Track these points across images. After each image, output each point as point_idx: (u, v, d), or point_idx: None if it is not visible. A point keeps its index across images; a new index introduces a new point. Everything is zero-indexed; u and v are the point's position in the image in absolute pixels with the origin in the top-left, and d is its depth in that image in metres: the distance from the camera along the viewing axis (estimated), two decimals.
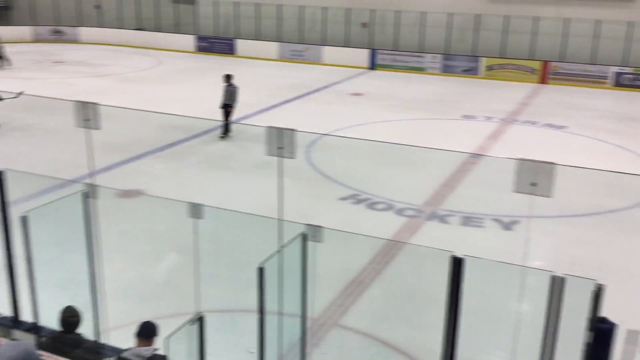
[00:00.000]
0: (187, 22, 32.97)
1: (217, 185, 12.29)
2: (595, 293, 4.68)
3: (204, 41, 31.31)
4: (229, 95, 15.62)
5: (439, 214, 10.91)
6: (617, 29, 24.42)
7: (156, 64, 27.87)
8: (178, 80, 24.20)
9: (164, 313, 7.14)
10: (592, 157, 14.72)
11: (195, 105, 19.22)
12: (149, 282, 8.61)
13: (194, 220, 5.75)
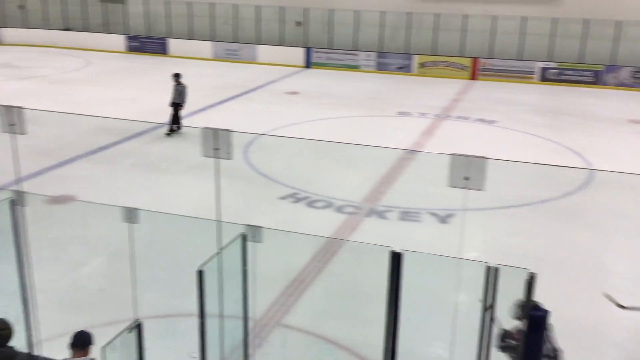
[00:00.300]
0: (116, 22, 32.09)
1: (152, 188, 12.03)
2: (528, 281, 4.84)
3: (134, 41, 30.57)
4: (178, 94, 15.73)
5: (378, 210, 11.04)
6: (542, 26, 25.41)
7: (85, 64, 27.00)
8: (108, 81, 23.53)
9: (100, 321, 6.93)
10: (522, 150, 15.26)
11: (127, 106, 18.75)
12: (84, 290, 8.33)
13: (129, 224, 5.60)
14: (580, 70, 24.46)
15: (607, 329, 7.50)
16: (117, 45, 30.48)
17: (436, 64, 26.15)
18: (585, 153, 14.92)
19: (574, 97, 22.21)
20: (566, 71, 24.58)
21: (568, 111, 19.83)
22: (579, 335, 7.32)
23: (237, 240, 5.67)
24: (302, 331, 7.37)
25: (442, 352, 6.49)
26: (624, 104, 20.99)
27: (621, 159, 14.57)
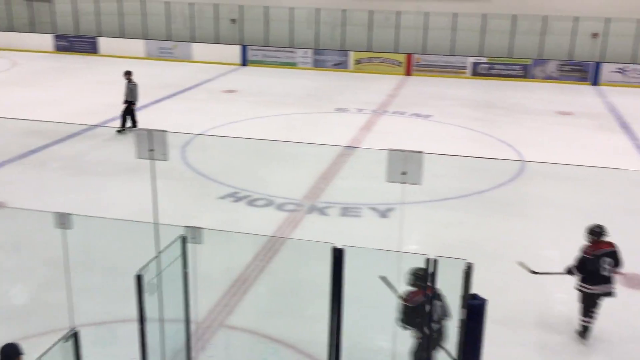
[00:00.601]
0: (43, 21, 30.89)
1: (86, 192, 11.65)
2: (466, 272, 4.96)
3: (63, 40, 29.53)
4: (130, 92, 15.47)
5: (318, 207, 11.08)
6: (472, 22, 26.11)
7: (10, 65, 25.88)
8: (36, 82, 22.64)
9: (34, 332, 6.67)
10: (457, 143, 15.64)
11: (57, 108, 18.09)
12: (16, 299, 8.00)
13: (62, 230, 5.41)
14: (509, 64, 25.28)
15: (540, 315, 7.79)
16: (44, 45, 29.36)
17: (372, 60, 26.46)
18: (517, 145, 15.44)
19: (504, 90, 22.95)
20: (496, 65, 25.35)
21: (499, 104, 20.47)
22: (513, 321, 7.57)
23: (176, 242, 5.57)
24: (246, 331, 7.32)
25: (385, 344, 6.58)
26: (552, 96, 21.85)
27: (550, 149, 15.16)
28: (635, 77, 24.08)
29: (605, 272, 7.10)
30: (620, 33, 24.78)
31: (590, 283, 7.14)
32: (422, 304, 5.64)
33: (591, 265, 7.11)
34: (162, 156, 5.05)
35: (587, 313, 7.16)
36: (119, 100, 15.80)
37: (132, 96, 15.49)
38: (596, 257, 7.10)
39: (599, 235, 7.30)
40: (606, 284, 7.13)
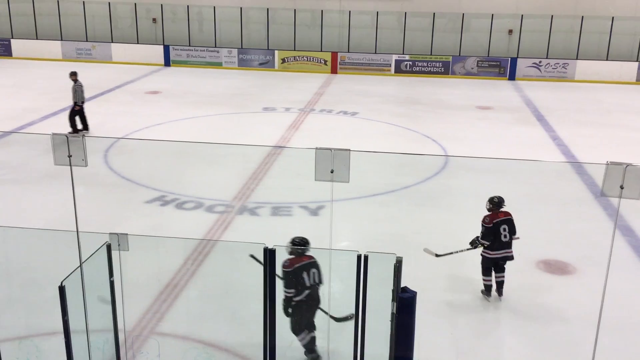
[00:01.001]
0: None
1: (2, 201, 11.09)
2: (396, 266, 5.05)
3: None
4: (75, 93, 15.17)
5: (249, 207, 11.00)
6: (394, 20, 26.64)
7: None
8: None
9: None
10: (384, 139, 15.92)
11: None
12: None
13: None
14: (430, 61, 25.95)
15: (469, 302, 8.04)
16: None
17: (297, 59, 26.52)
18: (440, 139, 15.87)
19: (426, 87, 23.54)
20: (418, 63, 25.97)
21: (422, 100, 20.98)
22: (443, 309, 7.78)
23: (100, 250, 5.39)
24: (179, 337, 7.18)
25: (320, 342, 6.61)
26: (471, 92, 22.60)
27: (472, 143, 15.69)
28: (549, 71, 25.28)
29: (504, 238, 7.84)
30: (534, 29, 25.94)
31: (491, 249, 7.89)
32: (299, 269, 6.32)
33: (491, 233, 7.82)
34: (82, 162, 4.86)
35: (487, 273, 8.01)
36: (33, 105, 15.13)
37: (78, 97, 15.13)
38: (495, 225, 7.81)
39: (498, 206, 7.98)
40: (506, 249, 7.90)
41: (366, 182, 12.08)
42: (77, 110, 15.21)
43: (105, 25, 28.09)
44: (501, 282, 8.04)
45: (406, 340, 5.33)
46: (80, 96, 15.18)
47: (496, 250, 7.88)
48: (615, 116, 19.15)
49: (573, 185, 12.59)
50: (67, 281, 5.04)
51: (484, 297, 8.06)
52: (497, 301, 8.07)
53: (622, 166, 4.61)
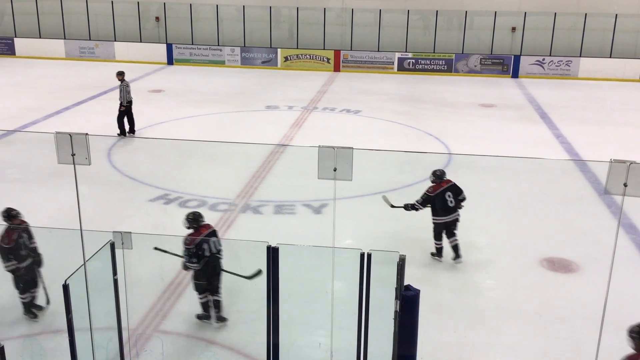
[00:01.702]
0: None
1: (6, 199, 11.11)
2: (399, 264, 5.05)
3: None
4: (125, 94, 14.91)
5: (252, 205, 11.01)
6: (396, 18, 26.59)
7: None
8: None
9: None
10: (386, 137, 15.91)
11: None
12: None
13: None
14: (433, 59, 25.91)
15: (471, 301, 8.04)
16: None
17: (300, 58, 26.51)
18: (443, 137, 15.86)
19: (429, 85, 23.51)
20: (421, 60, 25.94)
21: (425, 98, 20.96)
22: (447, 307, 7.78)
23: (104, 249, 5.41)
24: (182, 335, 7.19)
25: (323, 340, 6.61)
26: (474, 90, 22.56)
27: (475, 141, 15.66)
28: (552, 69, 25.22)
29: (450, 204, 8.67)
30: (537, 26, 25.89)
31: (439, 215, 8.74)
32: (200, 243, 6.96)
33: (437, 201, 8.67)
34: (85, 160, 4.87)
35: (438, 238, 8.88)
36: (37, 104, 15.15)
37: (123, 97, 14.85)
38: (440, 193, 8.67)
39: (440, 178, 8.82)
40: (452, 213, 8.75)
41: (369, 180, 12.07)
42: (122, 111, 14.88)
43: (108, 23, 28.12)
44: (455, 245, 8.84)
45: (409, 338, 5.33)
46: (126, 96, 14.85)
47: (443, 215, 8.72)
48: (618, 114, 19.10)
49: (576, 183, 12.56)
50: (70, 279, 5.05)
51: (436, 258, 8.94)
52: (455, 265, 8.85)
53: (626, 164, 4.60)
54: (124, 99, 14.83)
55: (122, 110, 14.88)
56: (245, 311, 7.63)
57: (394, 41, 26.64)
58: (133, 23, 28.07)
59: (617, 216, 10.59)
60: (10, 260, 6.96)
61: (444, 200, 8.65)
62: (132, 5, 27.84)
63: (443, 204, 8.66)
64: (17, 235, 6.91)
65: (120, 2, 27.93)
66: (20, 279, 7.11)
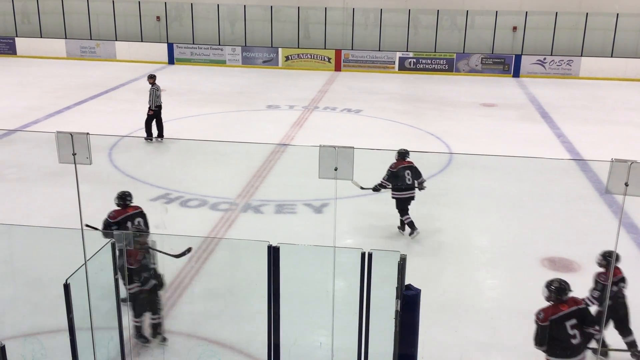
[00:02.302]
0: None
1: (7, 199, 11.13)
2: (400, 263, 5.05)
3: None
4: (154, 97, 14.59)
5: (253, 205, 11.01)
6: (398, 17, 26.57)
7: None
8: None
9: None
10: (387, 137, 15.90)
11: None
12: None
13: None
14: (434, 59, 25.90)
15: (473, 301, 8.03)
16: None
17: (301, 57, 26.50)
18: (444, 137, 15.85)
19: (430, 84, 23.50)
20: (422, 60, 25.92)
21: (426, 98, 20.95)
22: (448, 307, 7.78)
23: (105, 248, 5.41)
24: (183, 335, 7.19)
25: (324, 339, 6.61)
26: (476, 89, 22.54)
27: (476, 140, 15.65)
28: (554, 68, 25.20)
29: (408, 181, 9.44)
30: (539, 26, 25.87)
31: (398, 190, 9.52)
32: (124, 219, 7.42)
33: (398, 177, 9.40)
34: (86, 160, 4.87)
35: (403, 214, 9.64)
36: (39, 103, 15.16)
37: (152, 101, 14.50)
38: (401, 169, 9.46)
39: (403, 157, 9.64)
40: (410, 190, 9.57)
41: (370, 179, 12.05)
42: (150, 115, 14.59)
43: (109, 23, 28.12)
44: (411, 222, 9.64)
45: (410, 337, 5.33)
46: (155, 100, 14.52)
47: (402, 191, 9.53)
48: (620, 113, 19.08)
49: (578, 182, 12.55)
50: (71, 279, 5.05)
51: (399, 231, 9.81)
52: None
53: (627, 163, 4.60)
54: (152, 102, 14.51)
55: (150, 115, 14.59)
56: (245, 310, 7.63)
57: (395, 41, 26.62)
58: (134, 22, 28.07)
59: (618, 216, 10.58)
60: (133, 282, 6.53)
61: (403, 178, 9.44)
62: (133, 5, 27.85)
63: (402, 181, 9.45)
64: (142, 256, 6.53)
65: (121, 2, 27.93)
66: (140, 302, 6.66)
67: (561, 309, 5.66)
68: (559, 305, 5.68)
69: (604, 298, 6.27)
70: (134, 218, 7.52)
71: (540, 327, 5.69)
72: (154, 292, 6.69)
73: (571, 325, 5.65)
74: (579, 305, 5.74)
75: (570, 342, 5.63)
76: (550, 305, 5.76)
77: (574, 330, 5.66)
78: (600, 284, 6.54)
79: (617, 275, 6.70)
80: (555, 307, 5.69)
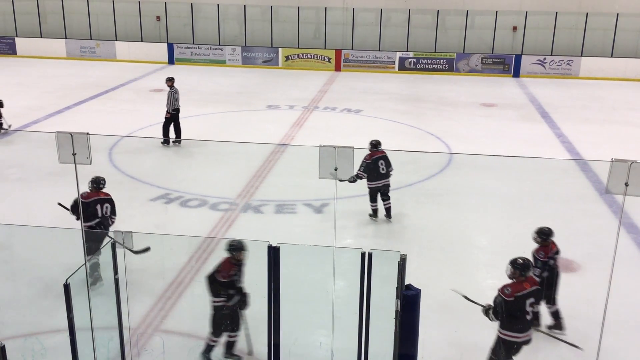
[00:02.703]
0: None
1: (7, 199, 11.13)
2: (400, 263, 5.05)
3: None
4: (173, 100, 14.26)
5: (253, 205, 11.01)
6: (397, 17, 26.58)
7: None
8: None
9: None
10: (387, 136, 15.86)
11: None
12: None
13: None
14: (434, 59, 25.90)
15: None
16: None
17: (301, 57, 26.50)
18: (445, 137, 15.85)
19: (430, 84, 23.50)
20: (422, 60, 25.92)
21: (426, 98, 20.95)
22: (447, 306, 7.78)
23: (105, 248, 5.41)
24: (183, 334, 7.20)
25: (324, 339, 6.61)
26: (476, 89, 22.54)
27: (476, 140, 15.65)
28: (554, 68, 25.20)
29: (382, 170, 9.92)
30: (539, 26, 25.87)
31: (372, 180, 9.95)
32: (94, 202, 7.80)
33: (373, 167, 9.83)
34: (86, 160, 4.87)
35: (373, 200, 10.13)
36: (39, 103, 15.15)
37: (170, 104, 14.21)
38: (375, 159, 9.92)
39: (376, 147, 10.03)
40: (384, 179, 10.00)
41: None
42: (168, 118, 14.26)
43: (109, 23, 28.13)
44: (388, 207, 10.13)
45: (410, 337, 5.33)
46: (173, 103, 14.20)
47: (376, 180, 9.93)
48: (620, 113, 19.08)
49: (577, 182, 12.55)
50: (72, 279, 5.06)
51: (371, 218, 10.19)
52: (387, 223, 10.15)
53: (627, 163, 4.60)
54: (170, 105, 14.19)
55: (168, 118, 14.28)
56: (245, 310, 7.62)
57: (395, 41, 26.63)
58: (134, 22, 28.07)
59: (618, 216, 10.58)
60: (220, 296, 6.39)
61: (378, 168, 9.86)
62: (133, 5, 27.85)
63: (377, 170, 9.86)
64: (234, 272, 6.32)
65: (121, 2, 27.94)
66: (221, 318, 6.48)
67: (525, 287, 6.10)
68: (523, 284, 6.12)
69: (545, 270, 7.10)
70: (104, 203, 7.97)
71: (505, 301, 6.10)
72: (235, 311, 6.46)
73: (530, 303, 6.12)
74: (537, 286, 6.22)
75: (525, 318, 6.14)
76: (515, 282, 6.15)
77: (531, 308, 6.15)
78: (539, 261, 7.13)
79: (553, 250, 7.35)
80: (520, 285, 6.12)
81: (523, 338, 7.08)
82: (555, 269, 7.29)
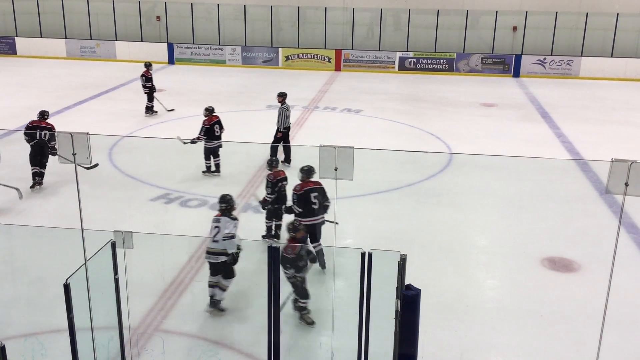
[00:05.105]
0: None
1: (6, 199, 11.12)
2: (400, 263, 5.05)
3: None
4: (283, 118, 13.02)
5: (253, 205, 11.00)
6: (398, 17, 26.58)
7: None
8: None
9: None
10: (388, 136, 15.90)
11: None
12: None
13: None
14: (434, 58, 25.89)
15: (473, 301, 8.03)
16: None
17: (301, 57, 26.50)
18: (445, 137, 15.85)
19: (430, 84, 23.49)
20: (422, 60, 25.92)
21: (426, 98, 20.94)
22: (447, 306, 7.78)
23: (105, 248, 5.41)
24: (183, 334, 7.20)
25: (324, 339, 6.62)
26: (476, 89, 22.54)
27: (476, 140, 15.65)
28: (554, 68, 25.20)
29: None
30: (539, 26, 25.86)
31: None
32: None
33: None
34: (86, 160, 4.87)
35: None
36: (38, 103, 15.13)
37: (280, 122, 12.98)
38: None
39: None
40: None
41: (370, 179, 12.07)
42: (278, 138, 12.98)
43: (109, 23, 28.12)
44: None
45: (410, 337, 5.33)
46: (284, 121, 12.93)
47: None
48: (620, 113, 19.08)
49: (577, 182, 12.55)
50: (71, 279, 5.06)
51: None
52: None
53: (627, 163, 4.60)
54: (281, 124, 12.93)
55: (279, 137, 12.98)
56: (246, 310, 7.62)
57: (395, 40, 26.62)
58: (134, 22, 28.07)
59: (618, 216, 10.58)
60: (289, 269, 6.83)
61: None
62: (133, 5, 27.85)
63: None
64: (299, 249, 6.97)
65: (121, 2, 27.94)
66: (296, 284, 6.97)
67: (309, 185, 8.20)
68: (309, 182, 8.20)
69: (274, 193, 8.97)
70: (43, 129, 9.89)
71: (297, 195, 8.16)
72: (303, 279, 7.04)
73: (314, 196, 8.13)
74: (319, 185, 8.15)
75: (312, 207, 8.08)
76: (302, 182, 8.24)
77: (316, 199, 8.12)
78: (270, 182, 8.97)
79: (282, 175, 9.06)
80: (306, 183, 8.21)
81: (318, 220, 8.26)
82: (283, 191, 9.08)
